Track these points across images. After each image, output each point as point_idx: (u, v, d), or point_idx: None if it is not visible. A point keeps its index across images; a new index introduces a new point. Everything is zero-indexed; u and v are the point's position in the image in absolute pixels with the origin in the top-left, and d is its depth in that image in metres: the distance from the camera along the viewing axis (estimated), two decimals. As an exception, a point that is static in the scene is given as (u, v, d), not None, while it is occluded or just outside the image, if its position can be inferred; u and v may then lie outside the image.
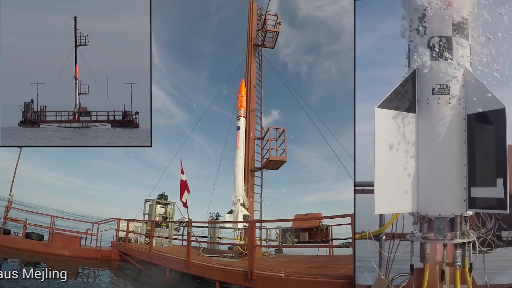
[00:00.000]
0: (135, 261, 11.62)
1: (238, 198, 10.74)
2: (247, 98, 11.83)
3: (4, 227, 11.94)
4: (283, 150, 11.04)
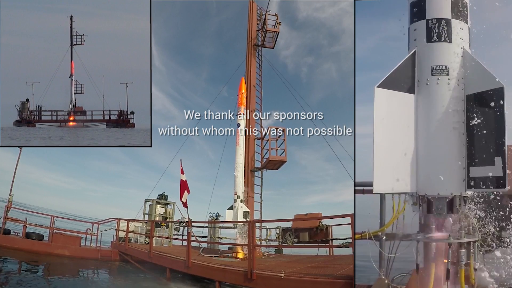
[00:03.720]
0: (135, 261, 11.63)
1: (238, 195, 10.76)
2: (247, 98, 11.83)
3: (4, 227, 11.93)
4: (283, 150, 11.05)
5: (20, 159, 11.92)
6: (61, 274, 10.99)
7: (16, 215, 12.28)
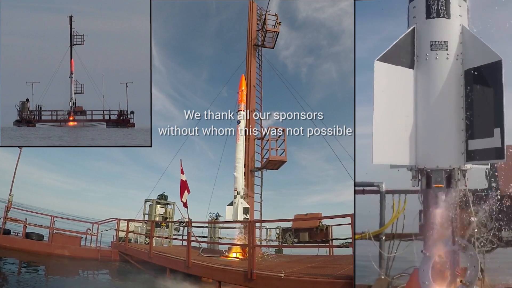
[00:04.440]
0: (135, 261, 11.63)
1: (238, 191, 10.78)
2: (247, 98, 11.83)
3: (4, 227, 11.93)
4: (283, 150, 11.05)
5: (20, 159, 11.93)
6: (61, 274, 11.00)
7: (16, 216, 12.27)
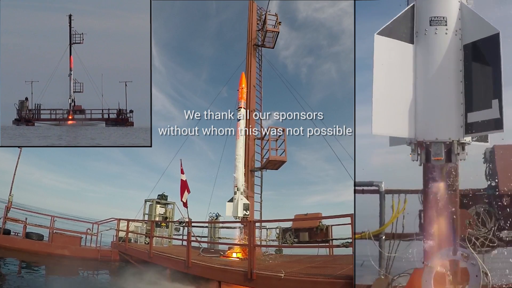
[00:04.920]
0: (135, 261, 11.63)
1: (238, 187, 10.79)
2: (247, 98, 11.82)
3: (4, 227, 11.92)
4: (283, 150, 11.05)
5: (20, 159, 11.92)
6: (61, 274, 11.00)
7: (16, 216, 12.27)
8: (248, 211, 10.72)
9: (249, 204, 10.75)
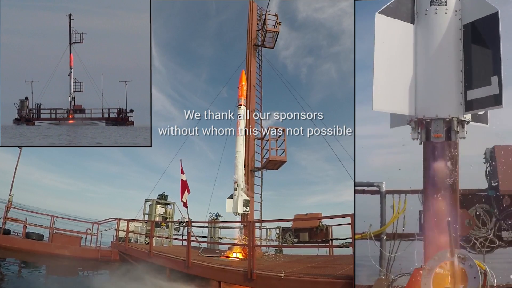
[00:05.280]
0: (135, 261, 11.63)
1: (238, 184, 10.79)
2: (247, 98, 11.82)
3: (4, 227, 11.92)
4: (283, 150, 11.05)
5: (20, 159, 11.91)
6: (61, 274, 11.00)
7: (16, 216, 12.26)
8: (248, 208, 10.71)
9: (249, 200, 10.75)
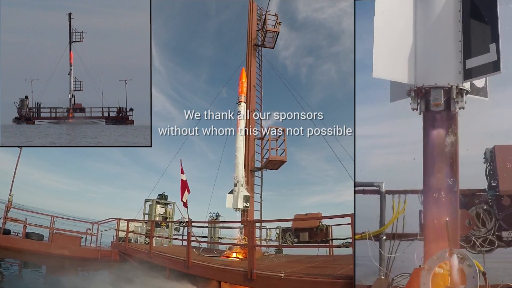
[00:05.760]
0: (135, 261, 11.63)
1: (238, 179, 10.79)
2: (247, 98, 11.82)
3: (4, 227, 11.92)
4: (283, 150, 11.04)
5: (20, 160, 11.91)
6: (61, 274, 10.99)
7: (16, 216, 12.26)
8: (248, 203, 10.72)
9: (249, 196, 10.76)
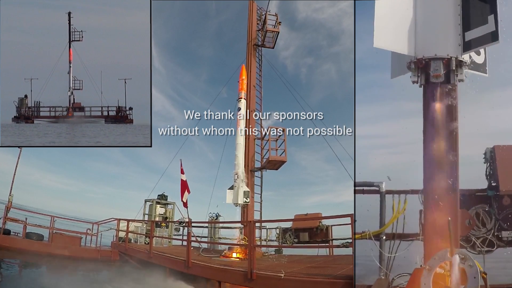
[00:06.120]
0: (135, 261, 11.63)
1: (238, 175, 10.79)
2: (247, 98, 11.82)
3: (4, 227, 11.91)
4: (283, 150, 11.04)
5: (20, 160, 11.90)
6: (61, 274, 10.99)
7: (16, 217, 12.25)
8: (248, 199, 10.72)
9: (249, 191, 10.76)
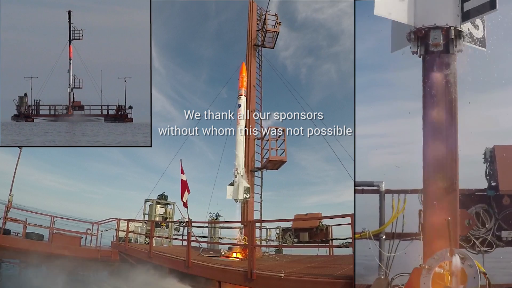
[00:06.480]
0: (135, 261, 11.63)
1: (238, 171, 10.80)
2: (247, 98, 11.83)
3: (4, 227, 11.91)
4: (283, 150, 11.04)
5: (19, 160, 11.89)
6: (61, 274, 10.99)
7: (16, 217, 12.26)
8: (249, 194, 10.71)
9: (249, 187, 10.76)
